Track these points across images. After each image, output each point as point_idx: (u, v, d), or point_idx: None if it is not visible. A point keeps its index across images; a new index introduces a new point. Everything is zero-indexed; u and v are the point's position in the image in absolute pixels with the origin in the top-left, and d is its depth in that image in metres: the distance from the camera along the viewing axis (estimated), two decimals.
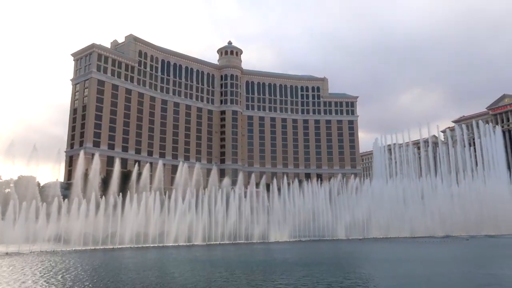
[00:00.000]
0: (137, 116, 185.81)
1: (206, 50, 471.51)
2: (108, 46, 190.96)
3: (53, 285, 25.60)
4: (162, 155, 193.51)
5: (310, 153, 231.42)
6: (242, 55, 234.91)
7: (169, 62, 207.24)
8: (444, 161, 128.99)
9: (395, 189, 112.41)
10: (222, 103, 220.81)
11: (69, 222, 74.22)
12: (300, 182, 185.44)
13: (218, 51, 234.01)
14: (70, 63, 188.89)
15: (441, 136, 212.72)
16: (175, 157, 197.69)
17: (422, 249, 64.31)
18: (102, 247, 68.04)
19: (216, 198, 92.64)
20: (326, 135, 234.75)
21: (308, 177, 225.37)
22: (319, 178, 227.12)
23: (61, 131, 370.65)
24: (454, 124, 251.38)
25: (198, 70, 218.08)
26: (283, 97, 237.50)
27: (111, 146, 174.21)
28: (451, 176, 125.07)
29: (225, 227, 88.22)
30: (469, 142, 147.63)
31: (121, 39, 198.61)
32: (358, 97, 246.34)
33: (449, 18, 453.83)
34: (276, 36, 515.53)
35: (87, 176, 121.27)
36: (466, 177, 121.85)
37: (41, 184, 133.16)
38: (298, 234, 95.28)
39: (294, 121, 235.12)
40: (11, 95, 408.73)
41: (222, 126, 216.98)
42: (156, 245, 73.84)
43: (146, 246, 72.44)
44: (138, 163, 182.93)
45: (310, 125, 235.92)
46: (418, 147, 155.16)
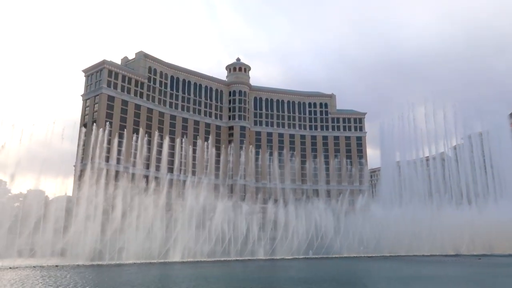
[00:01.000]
0: (146, 131, 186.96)
1: (214, 67, 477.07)
2: (118, 62, 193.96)
3: None
4: (170, 170, 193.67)
5: (318, 169, 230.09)
6: (250, 72, 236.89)
7: (178, 78, 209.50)
8: (453, 178, 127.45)
9: (398, 215, 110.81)
10: (230, 119, 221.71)
11: (76, 236, 74.29)
12: (308, 198, 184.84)
13: (227, 68, 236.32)
14: (81, 79, 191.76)
15: (449, 152, 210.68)
16: (183, 172, 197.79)
17: (431, 268, 63.07)
18: (111, 263, 67.76)
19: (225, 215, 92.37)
20: (334, 151, 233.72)
21: (316, 193, 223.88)
22: (328, 194, 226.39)
23: (70, 146, 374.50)
24: (462, 141, 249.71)
25: (206, 86, 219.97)
26: (291, 113, 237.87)
27: (120, 161, 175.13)
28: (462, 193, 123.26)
29: (232, 244, 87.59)
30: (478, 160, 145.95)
31: (131, 56, 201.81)
32: (366, 113, 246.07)
33: (455, 35, 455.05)
34: (283, 52, 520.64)
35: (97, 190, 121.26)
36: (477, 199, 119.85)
37: (50, 198, 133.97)
38: (305, 251, 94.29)
39: (302, 137, 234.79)
40: (22, 110, 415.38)
41: (230, 141, 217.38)
42: (162, 261, 73.41)
43: (152, 262, 72.02)
44: (146, 178, 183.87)
45: (318, 141, 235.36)
46: (427, 164, 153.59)
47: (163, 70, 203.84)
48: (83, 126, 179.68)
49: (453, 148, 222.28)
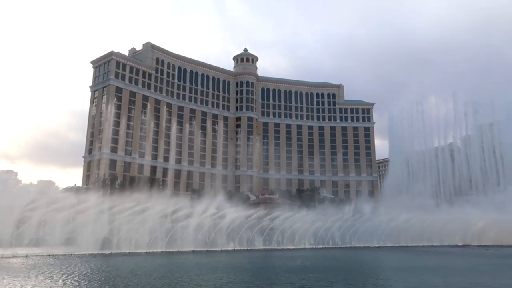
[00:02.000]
0: (153, 122, 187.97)
1: (222, 57, 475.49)
2: (126, 53, 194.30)
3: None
4: (178, 161, 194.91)
5: (326, 160, 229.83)
6: (257, 62, 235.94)
7: (185, 69, 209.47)
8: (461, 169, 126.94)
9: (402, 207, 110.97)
10: (237, 110, 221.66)
11: (85, 226, 75.41)
12: (316, 189, 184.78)
13: (234, 58, 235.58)
14: (89, 71, 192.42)
15: (458, 143, 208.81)
16: (191, 163, 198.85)
17: (439, 258, 63.09)
18: (118, 251, 68.77)
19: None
20: (342, 142, 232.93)
21: (323, 184, 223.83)
22: (335, 185, 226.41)
23: (79, 137, 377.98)
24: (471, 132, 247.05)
25: (214, 77, 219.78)
26: (299, 103, 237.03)
27: (128, 152, 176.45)
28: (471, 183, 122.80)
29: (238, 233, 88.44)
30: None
31: (139, 47, 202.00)
32: (374, 103, 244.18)
33: (466, 24, 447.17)
34: (291, 43, 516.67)
35: (105, 181, 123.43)
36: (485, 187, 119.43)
37: (59, 188, 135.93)
38: (318, 242, 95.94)
39: (310, 127, 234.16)
40: (31, 101, 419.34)
41: (238, 132, 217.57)
42: (170, 250, 74.34)
43: (159, 251, 73.00)
44: (154, 169, 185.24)
45: (325, 131, 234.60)
46: (436, 155, 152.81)
47: (171, 61, 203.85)
48: (92, 117, 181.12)
49: (462, 138, 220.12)
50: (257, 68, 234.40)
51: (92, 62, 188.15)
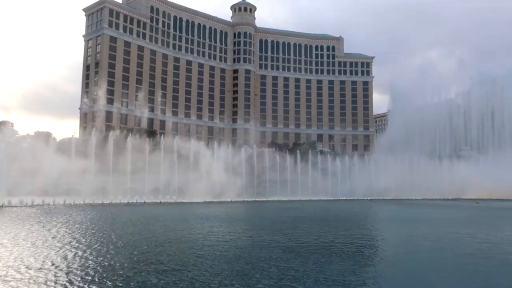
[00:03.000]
0: (149, 73, 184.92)
1: (219, 6, 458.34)
2: (119, 1, 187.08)
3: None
4: (175, 114, 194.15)
5: (323, 113, 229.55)
6: (255, 12, 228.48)
7: (181, 19, 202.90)
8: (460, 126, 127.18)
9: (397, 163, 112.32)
10: (235, 62, 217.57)
11: (84, 176, 76.35)
12: (313, 143, 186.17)
13: (232, 8, 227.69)
14: (82, 18, 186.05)
15: (459, 100, 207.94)
16: (188, 115, 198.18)
17: (430, 210, 64.80)
18: (115, 201, 70.11)
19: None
20: (340, 96, 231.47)
21: (320, 138, 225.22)
22: (331, 139, 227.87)
23: (74, 88, 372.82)
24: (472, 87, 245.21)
25: (211, 28, 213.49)
26: (297, 56, 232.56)
27: (125, 104, 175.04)
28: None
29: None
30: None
31: None
32: (374, 57, 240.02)
33: None
34: None
35: (102, 133, 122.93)
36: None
37: (56, 139, 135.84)
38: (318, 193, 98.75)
39: (308, 81, 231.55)
40: (24, 53, 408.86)
41: (235, 85, 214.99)
42: (180, 200, 76.23)
43: (165, 202, 74.62)
44: (151, 121, 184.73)
45: (324, 85, 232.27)
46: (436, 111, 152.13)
47: (166, 9, 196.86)
48: (86, 68, 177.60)
49: (463, 94, 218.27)
50: (255, 18, 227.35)
51: (84, 10, 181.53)
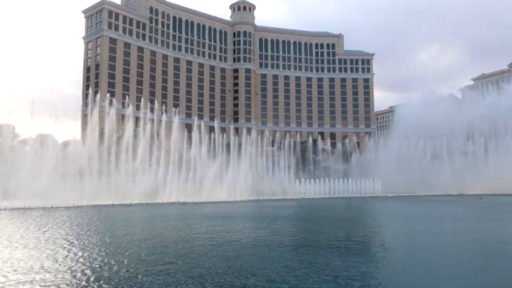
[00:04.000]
0: (150, 74, 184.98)
1: (218, 6, 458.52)
2: (118, 2, 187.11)
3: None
4: (176, 114, 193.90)
5: (324, 111, 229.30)
6: (255, 11, 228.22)
7: (180, 19, 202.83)
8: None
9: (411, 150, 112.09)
10: (235, 61, 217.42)
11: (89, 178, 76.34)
12: (314, 141, 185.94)
13: (231, 7, 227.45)
14: (82, 21, 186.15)
15: (459, 94, 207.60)
16: (189, 115, 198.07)
17: (433, 206, 64.54)
18: (115, 203, 70.09)
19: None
20: (341, 94, 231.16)
21: (321, 135, 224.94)
22: (333, 136, 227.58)
23: (75, 90, 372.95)
24: (473, 82, 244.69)
25: (210, 27, 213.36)
26: (297, 54, 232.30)
27: (125, 105, 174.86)
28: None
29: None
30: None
31: None
32: (374, 54, 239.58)
33: None
34: None
35: (103, 134, 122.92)
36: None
37: (58, 142, 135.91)
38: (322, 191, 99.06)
39: (308, 79, 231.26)
40: (24, 55, 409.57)
41: (236, 84, 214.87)
42: (180, 201, 76.17)
43: (161, 202, 74.53)
44: (152, 122, 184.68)
45: (324, 83, 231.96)
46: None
47: (165, 10, 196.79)
48: (86, 69, 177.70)
49: (464, 88, 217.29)
50: (254, 17, 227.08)
51: (83, 12, 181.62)
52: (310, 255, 20.43)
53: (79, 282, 15.69)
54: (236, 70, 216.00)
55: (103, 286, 15.06)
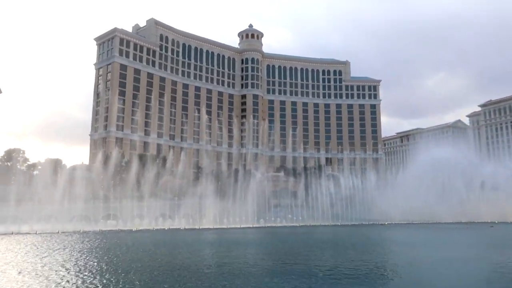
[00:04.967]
0: (159, 100, 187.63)
1: (226, 33, 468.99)
2: (130, 30, 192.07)
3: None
4: (184, 139, 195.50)
5: (331, 137, 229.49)
6: (262, 38, 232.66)
7: (190, 46, 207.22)
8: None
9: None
10: (243, 87, 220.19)
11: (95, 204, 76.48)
12: (321, 167, 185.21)
13: (239, 35, 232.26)
14: (93, 48, 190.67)
15: (466, 121, 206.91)
16: (197, 141, 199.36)
17: (444, 233, 63.37)
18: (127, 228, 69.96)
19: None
20: (348, 120, 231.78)
21: (329, 161, 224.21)
22: (340, 162, 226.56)
23: (85, 115, 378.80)
24: (480, 108, 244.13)
25: (219, 54, 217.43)
26: (305, 81, 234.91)
27: (134, 130, 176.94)
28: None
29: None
30: (495, 127, 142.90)
31: (142, 23, 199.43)
32: (381, 80, 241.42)
33: None
34: (297, 17, 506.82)
35: (111, 159, 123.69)
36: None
37: (67, 166, 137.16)
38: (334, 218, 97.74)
39: (316, 105, 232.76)
40: (36, 80, 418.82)
41: (243, 110, 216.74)
42: (193, 227, 75.88)
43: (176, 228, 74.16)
44: (160, 147, 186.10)
45: (331, 109, 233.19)
46: (442, 132, 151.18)
47: (175, 37, 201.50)
48: (97, 95, 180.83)
49: (472, 116, 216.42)
50: (262, 44, 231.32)
51: (95, 39, 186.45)
52: None
53: None
54: (244, 96, 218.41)
55: None
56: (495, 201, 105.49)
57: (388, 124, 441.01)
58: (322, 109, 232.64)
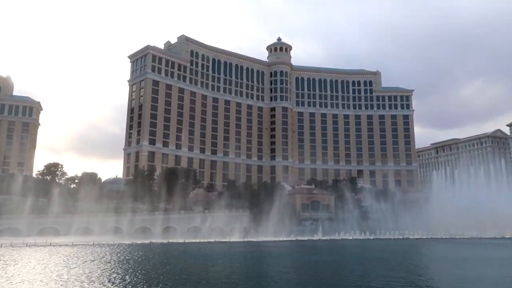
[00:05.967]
0: (189, 114, 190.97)
1: (255, 47, 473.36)
2: (161, 47, 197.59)
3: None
4: (214, 152, 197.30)
5: (363, 149, 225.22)
6: (291, 51, 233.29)
7: (219, 61, 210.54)
8: None
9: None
10: (272, 100, 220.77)
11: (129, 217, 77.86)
12: (353, 179, 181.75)
13: (268, 48, 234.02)
14: (127, 64, 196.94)
15: (507, 130, 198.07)
16: (226, 154, 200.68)
17: (487, 250, 60.34)
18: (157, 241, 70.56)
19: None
20: (380, 131, 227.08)
21: (360, 174, 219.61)
22: (372, 174, 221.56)
23: (119, 130, 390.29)
24: None
25: (248, 68, 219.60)
26: (334, 92, 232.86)
27: (166, 144, 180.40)
28: None
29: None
30: None
31: (173, 40, 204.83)
32: (413, 90, 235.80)
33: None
34: (325, 29, 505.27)
35: (144, 172, 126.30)
36: None
37: (102, 180, 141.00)
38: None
39: (346, 116, 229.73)
40: (72, 96, 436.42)
41: (272, 122, 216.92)
42: (224, 240, 75.81)
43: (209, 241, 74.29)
44: (191, 160, 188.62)
45: (362, 120, 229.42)
46: (481, 142, 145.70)
47: (205, 53, 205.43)
48: (130, 110, 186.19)
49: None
50: (291, 57, 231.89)
51: (129, 57, 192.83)
52: None
53: None
54: (273, 109, 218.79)
55: None
56: None
57: (422, 134, 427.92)
58: (352, 120, 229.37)
